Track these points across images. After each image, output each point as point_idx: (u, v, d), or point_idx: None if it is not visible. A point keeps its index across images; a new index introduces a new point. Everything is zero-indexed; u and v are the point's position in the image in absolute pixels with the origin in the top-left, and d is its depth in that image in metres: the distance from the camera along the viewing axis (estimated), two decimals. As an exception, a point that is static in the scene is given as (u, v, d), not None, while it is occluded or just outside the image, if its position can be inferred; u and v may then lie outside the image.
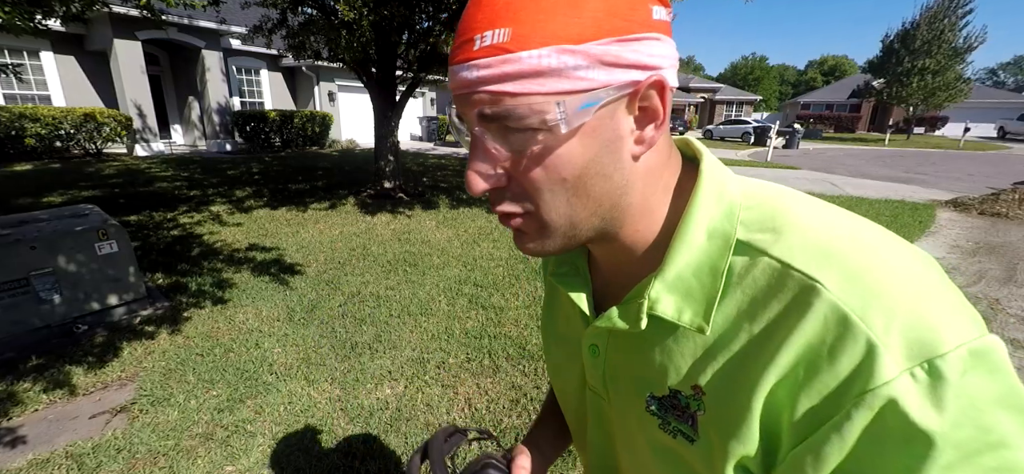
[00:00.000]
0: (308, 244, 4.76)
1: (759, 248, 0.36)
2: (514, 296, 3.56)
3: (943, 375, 0.28)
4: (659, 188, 0.40)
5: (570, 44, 0.31)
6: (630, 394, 0.44)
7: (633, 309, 0.40)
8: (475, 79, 0.32)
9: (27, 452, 1.98)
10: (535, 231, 0.38)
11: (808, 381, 0.31)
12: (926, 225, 6.03)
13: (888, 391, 0.28)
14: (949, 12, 22.52)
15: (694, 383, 0.38)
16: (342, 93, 15.96)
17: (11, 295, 2.66)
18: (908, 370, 0.28)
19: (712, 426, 0.37)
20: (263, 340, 2.88)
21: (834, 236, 0.34)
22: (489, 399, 2.36)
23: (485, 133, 0.34)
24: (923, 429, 0.27)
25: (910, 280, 0.31)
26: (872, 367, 0.29)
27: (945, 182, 10.11)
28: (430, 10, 6.06)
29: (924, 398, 0.28)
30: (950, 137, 28.11)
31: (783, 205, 0.38)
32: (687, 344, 0.38)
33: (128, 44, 10.62)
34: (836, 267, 0.32)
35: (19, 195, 6.44)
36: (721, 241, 0.37)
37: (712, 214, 0.38)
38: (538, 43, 0.31)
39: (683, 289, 0.38)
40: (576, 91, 0.32)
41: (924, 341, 0.29)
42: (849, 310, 0.30)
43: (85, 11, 4.05)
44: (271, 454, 2.00)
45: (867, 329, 0.29)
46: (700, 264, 0.37)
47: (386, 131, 6.85)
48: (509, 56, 0.31)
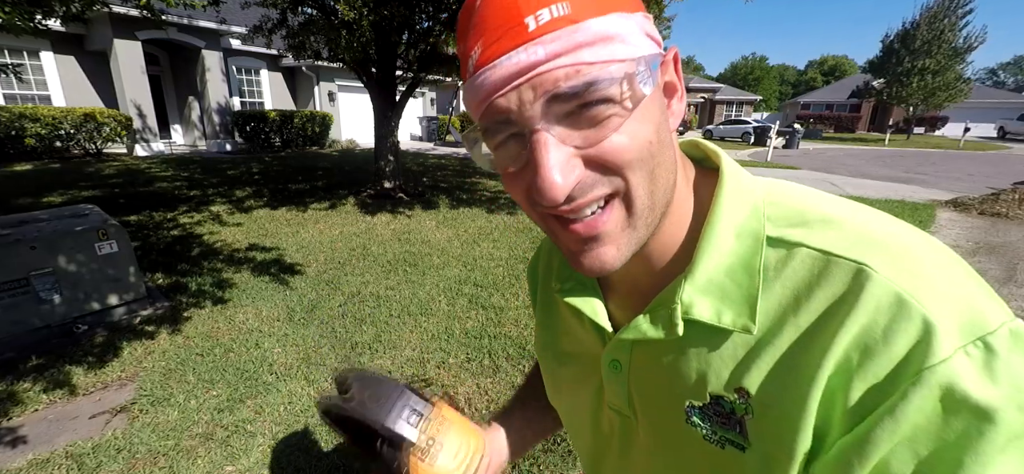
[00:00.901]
0: (308, 244, 4.76)
1: (794, 242, 0.35)
2: (514, 296, 3.56)
3: (995, 351, 0.28)
4: (683, 189, 0.39)
5: (625, 11, 0.31)
6: (665, 408, 0.41)
7: (664, 315, 0.38)
8: (543, 57, 0.29)
9: (27, 452, 1.98)
10: (621, 224, 0.35)
11: (862, 365, 0.30)
12: (926, 225, 6.03)
13: (947, 368, 0.28)
14: (949, 12, 22.52)
15: (738, 386, 0.36)
16: (342, 93, 15.96)
17: (11, 295, 2.66)
18: (963, 347, 0.28)
19: (765, 430, 0.34)
20: (263, 340, 2.88)
21: (868, 226, 0.34)
22: (489, 399, 2.36)
23: (552, 124, 0.31)
24: (981, 404, 0.27)
25: (947, 265, 0.32)
26: (929, 345, 0.28)
27: (945, 182, 10.11)
28: (430, 10, 6.06)
29: (980, 373, 0.28)
30: (950, 137, 28.11)
31: (806, 200, 0.38)
32: (726, 346, 0.36)
33: (128, 44, 10.62)
34: (881, 252, 0.32)
35: (19, 195, 6.44)
36: (751, 240, 0.36)
37: (738, 214, 0.37)
38: (604, 10, 0.30)
39: (717, 291, 0.36)
40: (642, 55, 0.31)
41: (974, 320, 0.29)
42: (903, 291, 0.30)
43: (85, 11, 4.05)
44: (271, 454, 2.00)
45: (922, 309, 0.29)
46: (731, 265, 0.36)
47: (386, 131, 6.85)
48: (579, 26, 0.30)
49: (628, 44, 0.31)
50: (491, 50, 0.31)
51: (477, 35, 0.32)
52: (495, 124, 0.33)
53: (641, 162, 0.33)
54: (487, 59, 0.31)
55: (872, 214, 0.36)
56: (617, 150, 0.32)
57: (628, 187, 0.33)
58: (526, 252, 4.60)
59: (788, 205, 0.37)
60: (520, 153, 0.33)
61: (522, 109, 0.31)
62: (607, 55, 0.30)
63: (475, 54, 0.32)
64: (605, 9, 0.30)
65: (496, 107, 0.32)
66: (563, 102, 0.30)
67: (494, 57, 0.31)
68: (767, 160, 14.31)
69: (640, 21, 0.32)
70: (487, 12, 0.31)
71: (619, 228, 0.35)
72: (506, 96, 0.31)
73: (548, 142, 0.31)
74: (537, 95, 0.30)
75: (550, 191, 0.31)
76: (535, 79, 0.30)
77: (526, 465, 1.95)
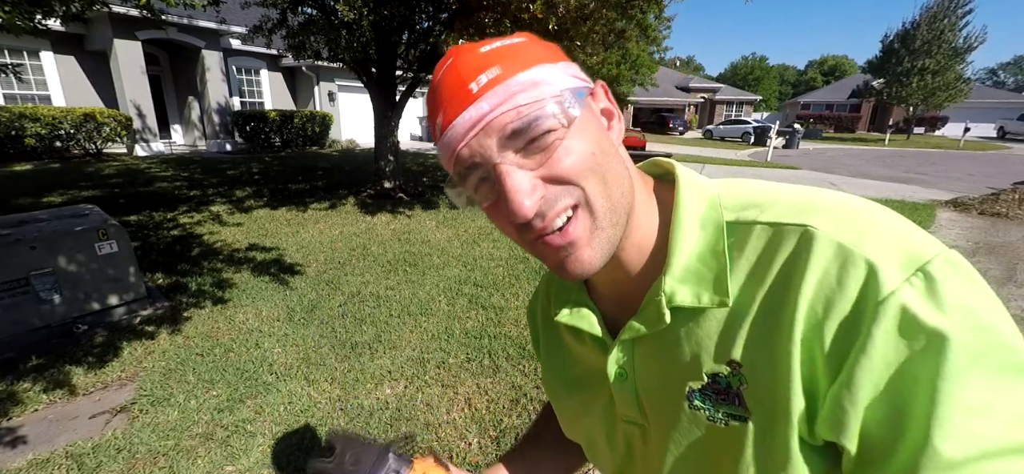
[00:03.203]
0: (308, 244, 4.76)
1: (749, 221, 0.40)
2: (514, 296, 3.56)
3: (934, 277, 0.32)
4: (645, 198, 0.45)
5: (546, 63, 0.39)
6: (669, 400, 0.43)
7: (652, 310, 0.42)
8: (487, 109, 0.37)
9: (27, 452, 1.98)
10: (588, 228, 0.39)
11: (827, 313, 0.34)
12: (926, 225, 6.03)
13: (896, 299, 0.32)
14: (949, 12, 22.52)
15: (729, 359, 0.39)
16: (342, 93, 15.95)
17: (11, 295, 2.66)
18: (906, 279, 0.32)
19: (761, 395, 0.37)
20: (263, 340, 2.88)
21: (809, 197, 0.40)
22: (489, 399, 2.36)
23: (508, 157, 0.38)
24: (933, 328, 0.30)
25: (881, 216, 0.37)
26: (877, 281, 0.32)
27: (945, 182, 10.11)
28: (430, 10, 6.06)
29: (926, 300, 0.31)
30: (950, 137, 28.11)
31: (755, 188, 0.44)
32: (711, 324, 0.40)
33: (128, 44, 10.62)
34: (821, 213, 0.37)
35: (19, 195, 6.44)
36: (713, 227, 0.42)
37: (698, 207, 0.43)
38: (526, 66, 0.38)
39: (694, 277, 0.41)
40: (566, 87, 0.38)
41: (910, 255, 0.33)
42: (843, 240, 0.35)
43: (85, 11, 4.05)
44: (271, 454, 2.00)
45: (863, 252, 0.34)
46: (701, 252, 0.41)
47: (386, 131, 6.85)
48: (510, 80, 0.37)
49: (552, 84, 0.38)
50: (448, 114, 0.38)
51: (438, 107, 0.40)
52: (465, 170, 0.39)
53: (590, 170, 0.38)
54: (447, 122, 0.39)
55: (809, 189, 0.42)
56: (565, 163, 0.38)
57: (586, 194, 0.39)
58: (526, 252, 4.59)
59: (739, 194, 0.43)
60: (491, 189, 0.39)
61: (483, 152, 0.38)
62: (537, 96, 0.37)
63: (439, 121, 0.40)
64: (528, 64, 0.38)
65: (461, 157, 0.39)
66: (514, 140, 0.37)
67: (451, 119, 0.38)
68: (767, 160, 14.30)
69: (563, 67, 0.40)
70: (442, 88, 0.39)
71: (588, 232, 0.40)
72: (468, 145, 0.38)
73: (509, 171, 0.37)
74: (491, 138, 0.37)
75: (520, 209, 0.37)
76: (486, 127, 0.37)
77: (526, 465, 1.95)
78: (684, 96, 33.97)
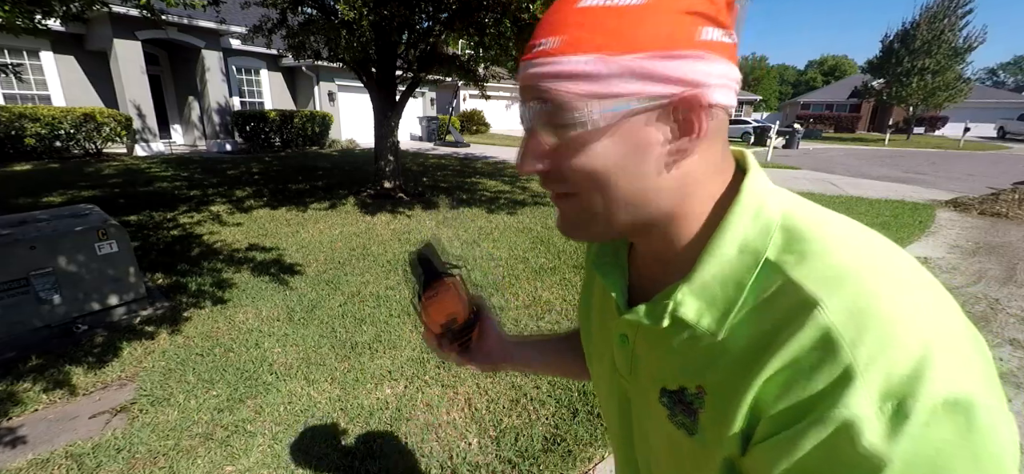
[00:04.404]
0: (308, 244, 4.76)
1: (782, 269, 0.37)
2: (514, 296, 3.56)
3: (909, 417, 0.29)
4: (702, 196, 0.42)
5: (608, 54, 0.35)
6: (648, 383, 0.47)
7: (659, 309, 0.43)
8: (531, 74, 0.38)
9: (27, 452, 1.98)
10: (575, 215, 0.43)
11: (787, 388, 0.34)
12: (926, 225, 6.03)
13: (848, 414, 0.30)
14: (949, 12, 22.50)
15: (699, 383, 0.41)
16: (342, 93, 15.95)
17: (11, 295, 2.66)
18: (878, 405, 0.29)
19: (709, 422, 0.40)
20: (263, 340, 2.88)
21: (858, 265, 0.35)
22: (489, 399, 2.36)
23: (537, 124, 0.40)
24: (873, 455, 0.29)
25: (920, 321, 0.32)
26: (843, 393, 0.30)
27: (945, 182, 10.11)
28: (430, 10, 6.05)
29: (884, 429, 0.29)
30: (950, 137, 28.10)
31: (820, 229, 0.38)
32: (700, 346, 0.41)
33: (128, 44, 10.62)
34: (845, 292, 0.33)
35: (19, 195, 6.44)
36: (751, 257, 0.39)
37: (747, 231, 0.40)
38: (581, 51, 0.36)
39: (707, 296, 0.40)
40: (606, 95, 0.36)
41: (904, 380, 0.29)
42: (838, 335, 0.32)
43: (85, 11, 4.05)
44: (271, 454, 2.00)
45: (851, 357, 0.31)
46: (726, 277, 0.39)
47: (386, 131, 6.85)
48: (555, 59, 0.37)
49: (597, 83, 0.36)
50: (526, 50, 0.40)
51: (534, 32, 0.41)
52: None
53: (587, 183, 0.39)
54: (522, 57, 0.41)
55: (873, 251, 0.37)
56: (568, 167, 0.40)
57: (578, 196, 0.41)
58: (525, 252, 4.60)
59: (798, 230, 0.39)
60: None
61: (525, 102, 0.41)
62: (570, 88, 0.36)
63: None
64: (587, 49, 0.36)
65: (520, 94, 0.42)
66: (540, 112, 0.39)
67: (523, 59, 0.40)
68: (767, 160, 14.30)
69: (633, 63, 0.35)
70: (542, 20, 0.40)
71: (573, 219, 0.43)
72: (520, 90, 0.41)
73: (528, 133, 0.42)
74: (525, 99, 0.40)
75: (518, 166, 0.42)
76: (525, 88, 0.40)
77: (526, 465, 1.95)
78: (684, 96, 33.87)
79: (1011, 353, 2.87)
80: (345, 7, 4.91)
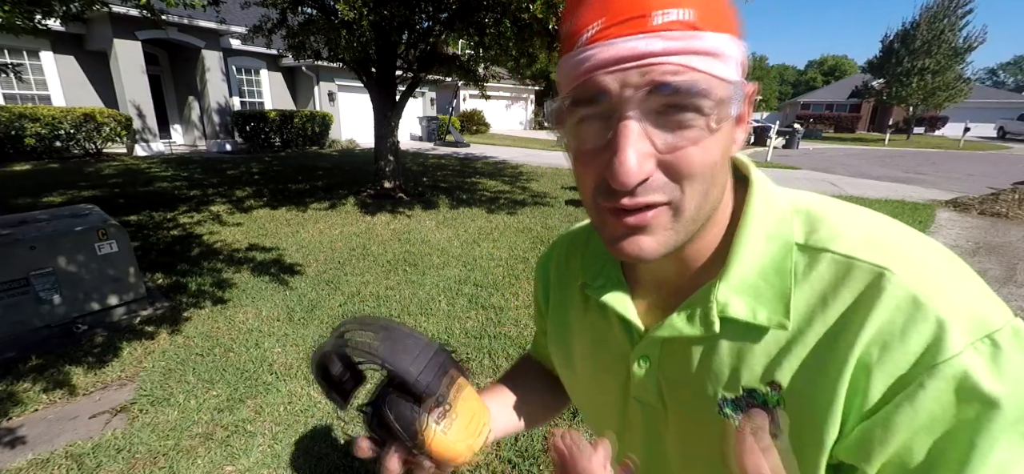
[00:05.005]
0: (308, 244, 4.76)
1: (819, 247, 0.38)
2: (514, 296, 3.56)
3: (1001, 346, 0.31)
4: (728, 193, 0.42)
5: (735, 37, 0.34)
6: (697, 400, 0.43)
7: (700, 314, 0.41)
8: (659, 50, 0.32)
9: (27, 452, 1.98)
10: (665, 224, 0.37)
11: (882, 359, 0.33)
12: (926, 225, 6.03)
13: (959, 362, 0.31)
14: (949, 12, 22.50)
15: (771, 380, 0.38)
16: (342, 93, 15.95)
17: (11, 295, 2.66)
18: (972, 343, 0.31)
19: (796, 421, 0.37)
20: (263, 340, 2.88)
21: (883, 231, 0.38)
22: (489, 399, 2.36)
23: (642, 115, 0.33)
24: (988, 393, 0.30)
25: (954, 270, 0.35)
26: (943, 342, 0.31)
27: (945, 182, 10.11)
28: (430, 10, 6.06)
29: (988, 366, 0.31)
30: (950, 137, 28.09)
31: (827, 209, 0.41)
32: (760, 342, 0.39)
33: (128, 44, 10.62)
34: (897, 258, 0.35)
35: (19, 195, 6.44)
36: (781, 244, 0.39)
37: (768, 221, 0.40)
38: (720, 28, 0.33)
39: (751, 291, 0.39)
40: (737, 81, 0.34)
41: (981, 319, 0.32)
42: (919, 292, 0.33)
43: (85, 11, 4.05)
44: (271, 454, 2.00)
45: (936, 309, 0.32)
46: (764, 267, 0.39)
47: (386, 131, 6.85)
48: (698, 33, 0.32)
49: (730, 67, 0.34)
50: (612, 31, 0.33)
51: (598, 13, 0.33)
52: (587, 100, 0.35)
53: (702, 178, 0.35)
54: (604, 36, 0.33)
55: (884, 223, 0.39)
56: (689, 161, 0.34)
57: (683, 197, 0.36)
58: (526, 252, 4.60)
59: (810, 213, 0.40)
60: (602, 133, 0.35)
61: (623, 91, 0.33)
62: (715, 70, 0.33)
63: (591, 30, 0.34)
64: (722, 27, 0.33)
65: (597, 83, 0.33)
66: (662, 96, 0.32)
67: (613, 37, 0.32)
68: (767, 160, 14.30)
69: (743, 50, 0.35)
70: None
71: (663, 227, 0.37)
72: (612, 75, 0.33)
73: (635, 129, 0.33)
74: (642, 82, 0.32)
75: (625, 175, 0.33)
76: (645, 67, 0.32)
77: (526, 465, 1.95)
78: (684, 96, 33.90)
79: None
80: (345, 7, 4.91)
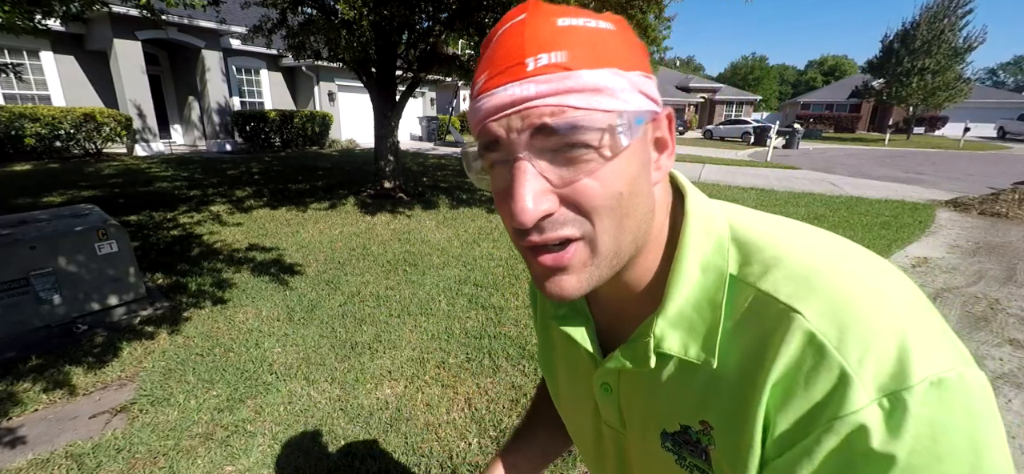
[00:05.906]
0: (308, 244, 4.76)
1: (748, 282, 0.37)
2: (514, 296, 3.56)
3: (907, 406, 0.29)
4: (661, 220, 0.42)
5: (620, 69, 0.34)
6: (646, 430, 0.44)
7: (640, 348, 0.41)
8: (534, 94, 0.33)
9: (27, 452, 1.98)
10: (584, 260, 0.37)
11: (785, 405, 0.33)
12: (926, 225, 6.03)
13: (858, 418, 0.30)
14: (949, 12, 22.52)
15: (702, 418, 0.39)
16: (342, 93, 15.96)
17: (11, 295, 2.66)
18: (876, 400, 0.30)
19: (724, 460, 0.38)
20: (263, 340, 2.88)
21: (819, 266, 0.36)
22: (489, 399, 2.36)
23: (533, 156, 0.34)
24: (885, 454, 0.29)
25: (890, 310, 0.33)
26: (845, 395, 0.30)
27: (945, 182, 10.11)
28: (430, 10, 6.06)
29: (887, 425, 0.30)
30: (950, 137, 28.10)
31: (769, 236, 0.39)
32: (693, 378, 0.39)
33: (128, 44, 10.62)
34: (818, 297, 0.34)
35: (19, 195, 6.44)
36: (715, 275, 0.39)
37: (703, 249, 0.40)
38: (598, 64, 0.33)
39: (686, 324, 0.39)
40: (627, 110, 0.34)
41: (895, 372, 0.30)
42: (825, 339, 0.32)
43: (85, 11, 4.05)
44: (271, 454, 2.00)
45: (841, 359, 0.31)
46: (698, 299, 0.39)
47: (386, 131, 6.85)
48: (571, 73, 0.33)
49: (616, 98, 0.33)
50: (493, 81, 0.35)
51: (485, 66, 0.36)
52: (489, 145, 0.36)
53: (609, 210, 0.35)
54: (488, 87, 0.35)
55: (832, 250, 0.38)
56: (589, 193, 0.34)
57: (594, 232, 0.36)
58: (526, 252, 4.60)
59: (750, 240, 0.39)
60: (505, 177, 0.36)
61: (509, 136, 0.34)
62: (593, 104, 0.33)
63: (480, 81, 0.36)
64: (599, 64, 0.33)
65: (489, 130, 0.35)
66: (546, 137, 0.33)
67: (494, 87, 0.34)
68: (767, 160, 14.30)
69: (637, 79, 0.35)
70: (498, 49, 0.35)
71: (581, 264, 0.37)
72: (498, 122, 0.34)
73: (526, 170, 0.34)
74: (524, 126, 0.33)
75: (520, 214, 0.34)
76: (524, 111, 0.33)
77: (526, 465, 1.95)
78: (684, 96, 33.98)
79: (1011, 353, 2.87)
80: (345, 7, 4.91)
